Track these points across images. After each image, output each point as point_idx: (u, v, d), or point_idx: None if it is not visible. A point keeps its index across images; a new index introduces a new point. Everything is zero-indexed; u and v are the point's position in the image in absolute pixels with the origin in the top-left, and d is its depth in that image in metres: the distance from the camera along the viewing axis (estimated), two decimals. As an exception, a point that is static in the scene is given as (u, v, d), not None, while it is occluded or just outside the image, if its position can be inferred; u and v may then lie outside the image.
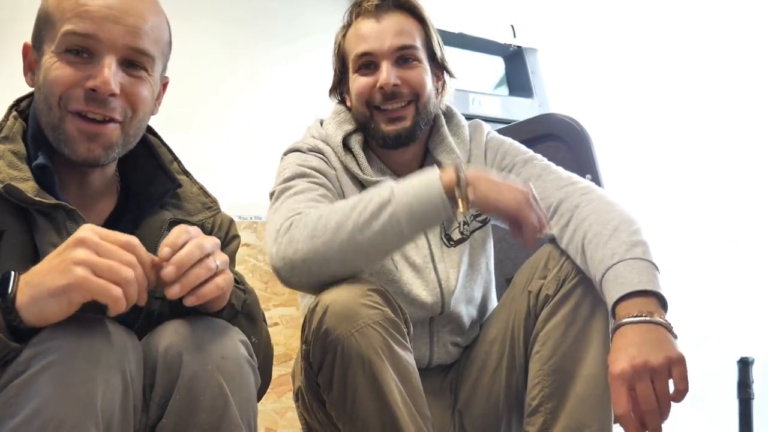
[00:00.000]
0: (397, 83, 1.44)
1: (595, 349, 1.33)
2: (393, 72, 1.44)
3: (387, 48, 1.44)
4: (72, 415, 0.82)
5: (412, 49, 1.46)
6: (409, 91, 1.45)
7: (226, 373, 0.94)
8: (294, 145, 1.51)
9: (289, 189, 1.38)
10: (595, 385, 1.32)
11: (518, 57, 3.21)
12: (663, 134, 3.06)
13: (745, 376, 2.23)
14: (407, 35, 1.46)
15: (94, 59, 1.04)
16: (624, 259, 1.24)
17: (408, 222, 1.23)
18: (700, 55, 3.00)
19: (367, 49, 1.46)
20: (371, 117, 1.47)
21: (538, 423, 1.35)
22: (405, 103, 1.45)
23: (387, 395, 1.19)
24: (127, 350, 0.90)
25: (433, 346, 1.51)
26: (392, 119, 1.45)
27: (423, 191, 1.23)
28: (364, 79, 1.47)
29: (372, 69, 1.46)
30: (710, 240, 2.94)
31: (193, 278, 0.92)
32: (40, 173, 1.03)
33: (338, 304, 1.20)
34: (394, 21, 1.46)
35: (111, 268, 0.84)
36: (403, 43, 1.45)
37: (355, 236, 1.22)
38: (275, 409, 2.14)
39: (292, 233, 1.26)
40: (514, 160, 1.52)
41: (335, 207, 1.27)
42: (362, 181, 1.46)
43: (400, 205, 1.22)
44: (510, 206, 1.24)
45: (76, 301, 0.84)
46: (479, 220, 1.54)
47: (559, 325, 1.33)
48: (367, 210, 1.23)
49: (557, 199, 1.41)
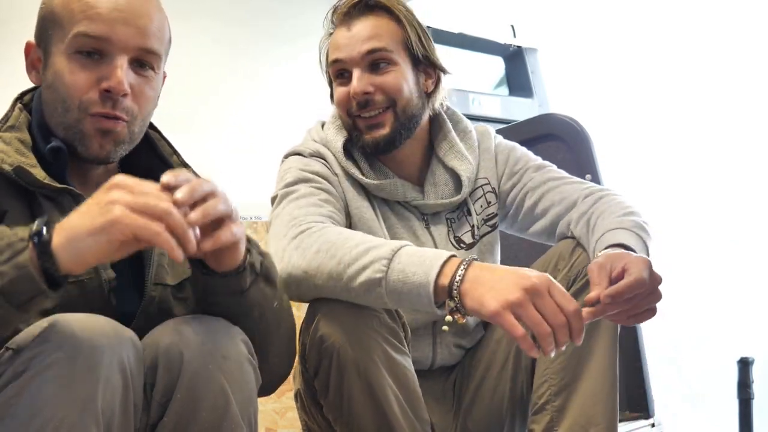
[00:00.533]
0: (369, 90, 1.40)
1: (603, 347, 1.33)
2: (364, 79, 1.40)
3: (356, 54, 1.41)
4: (72, 415, 0.82)
5: (382, 51, 1.41)
6: (383, 97, 1.41)
7: (227, 372, 0.94)
8: (295, 148, 1.49)
9: (292, 194, 1.37)
10: (602, 383, 1.33)
11: (518, 57, 3.21)
12: (663, 134, 3.06)
13: (745, 376, 2.24)
14: (377, 38, 1.41)
15: (105, 60, 1.06)
16: (624, 228, 1.29)
17: (395, 305, 1.20)
18: (700, 55, 3.01)
19: (339, 57, 1.43)
20: (353, 125, 1.45)
21: (544, 421, 1.35)
22: (381, 109, 1.42)
23: (383, 402, 1.19)
24: (127, 349, 0.90)
25: (436, 347, 1.51)
26: (370, 127, 1.42)
27: (413, 291, 1.14)
28: (341, 89, 1.44)
29: (346, 78, 1.43)
30: (710, 240, 2.94)
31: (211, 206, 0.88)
32: (52, 157, 1.06)
33: (334, 310, 1.20)
34: (364, 26, 1.42)
35: (147, 204, 0.82)
36: (371, 47, 1.40)
37: (344, 295, 1.20)
38: (275, 409, 2.14)
39: (293, 259, 1.23)
40: (527, 165, 1.53)
41: (334, 246, 1.20)
42: (364, 185, 1.46)
43: (390, 291, 1.15)
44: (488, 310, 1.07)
45: (115, 239, 0.82)
46: (489, 225, 1.54)
47: None
48: (358, 280, 1.17)
49: (581, 194, 1.44)
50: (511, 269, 1.10)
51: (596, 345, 1.34)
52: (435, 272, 1.12)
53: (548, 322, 1.05)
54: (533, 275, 1.07)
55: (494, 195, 1.54)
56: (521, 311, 1.05)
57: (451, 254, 1.14)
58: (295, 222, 1.28)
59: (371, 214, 1.44)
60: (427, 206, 1.49)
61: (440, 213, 1.51)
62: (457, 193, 1.50)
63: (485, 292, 1.08)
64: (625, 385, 2.09)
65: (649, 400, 2.08)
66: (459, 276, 1.10)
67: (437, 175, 1.50)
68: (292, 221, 1.29)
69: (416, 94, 1.45)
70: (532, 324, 1.05)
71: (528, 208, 1.51)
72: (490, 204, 1.53)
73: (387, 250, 1.16)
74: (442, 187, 1.50)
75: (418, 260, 1.14)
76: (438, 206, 1.49)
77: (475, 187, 1.53)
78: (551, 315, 1.05)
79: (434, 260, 1.13)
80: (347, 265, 1.17)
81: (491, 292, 1.07)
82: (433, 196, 1.49)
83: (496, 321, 1.07)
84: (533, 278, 1.06)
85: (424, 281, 1.12)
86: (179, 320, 0.99)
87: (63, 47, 1.06)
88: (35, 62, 1.11)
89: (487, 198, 1.53)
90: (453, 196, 1.50)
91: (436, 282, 1.11)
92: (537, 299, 1.05)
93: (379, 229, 1.43)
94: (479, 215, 1.53)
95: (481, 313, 1.08)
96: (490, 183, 1.54)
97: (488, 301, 1.07)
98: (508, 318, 1.05)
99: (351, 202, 1.44)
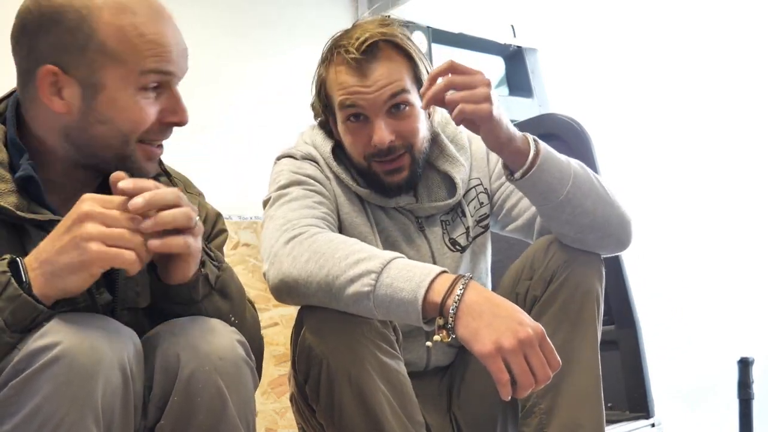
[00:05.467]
0: (392, 139, 1.37)
1: (585, 347, 1.34)
2: (387, 128, 1.36)
3: (380, 103, 1.36)
4: (72, 414, 0.83)
5: (403, 93, 1.37)
6: (402, 143, 1.39)
7: (224, 373, 0.94)
8: (287, 150, 1.49)
9: (285, 196, 1.37)
10: (587, 383, 1.33)
11: (518, 57, 3.21)
12: (663, 134, 3.06)
13: (745, 376, 2.23)
14: (396, 82, 1.36)
15: (165, 92, 1.05)
16: None
17: (384, 317, 1.19)
18: (700, 55, 3.00)
19: (355, 103, 1.37)
20: (369, 167, 1.42)
21: (533, 424, 1.36)
22: (400, 154, 1.40)
23: (374, 407, 1.19)
24: (127, 348, 0.90)
25: (430, 349, 1.50)
26: (389, 172, 1.41)
27: (401, 308, 1.12)
28: (356, 132, 1.40)
29: (362, 121, 1.39)
30: (710, 240, 2.94)
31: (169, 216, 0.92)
32: (25, 184, 1.02)
33: (323, 317, 1.20)
34: (380, 72, 1.36)
35: (123, 236, 0.89)
36: (393, 92, 1.36)
37: (334, 304, 1.19)
38: (275, 409, 2.14)
39: (284, 266, 1.23)
40: None
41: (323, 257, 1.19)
42: (356, 191, 1.45)
43: (378, 304, 1.15)
44: (481, 348, 1.07)
45: (96, 273, 0.89)
46: (482, 226, 1.54)
47: (549, 325, 1.33)
48: (346, 292, 1.16)
49: None
50: (510, 307, 1.10)
51: (578, 346, 1.34)
52: (423, 290, 1.11)
53: (533, 373, 1.07)
54: (530, 325, 1.08)
55: (486, 195, 1.54)
56: (512, 359, 1.06)
57: (442, 270, 1.14)
58: (288, 226, 1.28)
59: (363, 219, 1.44)
60: (422, 209, 1.49)
61: (434, 216, 1.50)
62: (451, 196, 1.50)
63: (482, 327, 1.07)
64: (625, 385, 2.09)
65: (649, 400, 2.08)
66: (457, 296, 1.10)
67: (430, 178, 1.50)
68: (285, 225, 1.29)
69: (426, 126, 1.45)
70: (518, 373, 1.06)
71: (511, 205, 1.50)
72: (482, 205, 1.53)
73: (376, 263, 1.15)
74: (435, 191, 1.50)
75: (407, 275, 1.13)
76: (432, 209, 1.49)
77: (469, 188, 1.53)
78: (538, 369, 1.07)
79: (423, 276, 1.12)
80: (336, 277, 1.16)
81: (488, 330, 1.07)
82: (427, 200, 1.49)
83: (485, 361, 1.07)
84: (529, 329, 1.07)
85: (411, 298, 1.11)
86: (175, 322, 0.99)
87: (127, 83, 1.02)
88: (62, 89, 1.03)
89: (480, 199, 1.53)
90: (447, 199, 1.50)
91: (425, 299, 1.11)
92: (528, 350, 1.06)
93: (370, 234, 1.43)
94: (473, 216, 1.53)
95: (472, 347, 1.08)
96: (482, 183, 1.54)
97: (483, 339, 1.07)
98: (498, 362, 1.06)
99: (342, 207, 1.44)
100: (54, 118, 1.03)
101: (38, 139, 1.05)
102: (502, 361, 1.06)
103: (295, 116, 2.50)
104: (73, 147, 1.04)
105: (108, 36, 1.00)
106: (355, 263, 1.16)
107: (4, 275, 0.86)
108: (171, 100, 1.05)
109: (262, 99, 2.49)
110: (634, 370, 2.08)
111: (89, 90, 1.01)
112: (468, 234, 1.52)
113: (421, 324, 1.13)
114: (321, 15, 2.66)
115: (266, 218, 1.36)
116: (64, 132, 1.03)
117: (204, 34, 2.34)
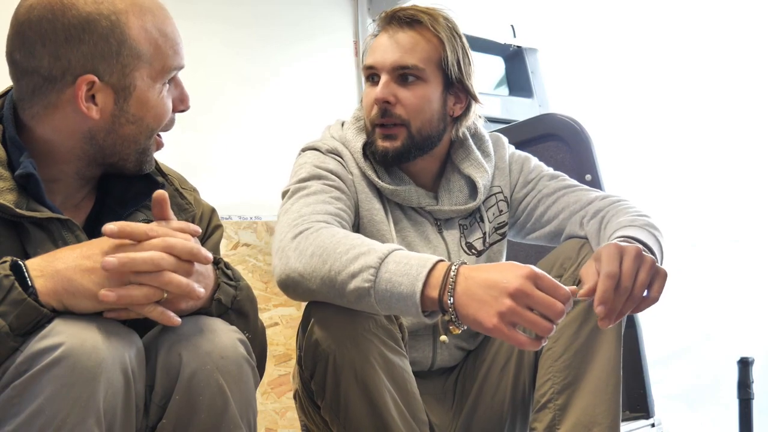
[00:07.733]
0: (390, 100, 1.40)
1: (607, 346, 1.33)
2: (389, 87, 1.40)
3: (388, 64, 1.41)
4: (74, 415, 0.82)
5: (413, 69, 1.40)
6: (401, 112, 1.41)
7: (225, 372, 0.94)
8: (312, 143, 1.49)
9: (303, 189, 1.36)
10: (606, 382, 1.33)
11: (518, 57, 3.21)
12: (663, 134, 3.06)
13: (745, 376, 2.23)
14: (409, 54, 1.41)
15: (172, 82, 1.10)
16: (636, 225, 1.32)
17: (386, 312, 1.19)
18: (700, 55, 3.01)
19: (371, 63, 1.44)
20: (373, 132, 1.44)
21: (546, 419, 1.35)
22: (396, 123, 1.42)
23: (379, 404, 1.19)
24: (129, 349, 0.90)
25: (436, 349, 1.50)
26: (384, 136, 1.42)
27: (401, 302, 1.13)
28: (368, 94, 1.45)
29: (376, 82, 1.43)
30: (711, 240, 2.94)
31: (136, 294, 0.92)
32: (24, 182, 1.01)
33: (329, 313, 1.20)
34: (402, 38, 1.41)
35: None
36: (403, 63, 1.40)
37: (338, 300, 1.19)
38: (275, 409, 2.14)
39: (290, 261, 1.22)
40: (541, 174, 1.54)
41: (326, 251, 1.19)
42: (380, 188, 1.45)
43: (379, 300, 1.14)
44: (486, 327, 1.07)
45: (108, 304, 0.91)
46: (499, 233, 1.55)
47: (573, 323, 1.33)
48: (348, 288, 1.16)
49: (597, 196, 1.46)
50: (494, 270, 1.08)
51: (600, 344, 1.34)
52: (420, 283, 1.10)
53: (545, 315, 1.05)
54: (515, 274, 1.05)
55: (506, 204, 1.55)
56: (516, 318, 1.05)
57: (437, 260, 1.13)
58: (299, 221, 1.28)
59: (382, 217, 1.45)
60: (441, 212, 1.49)
61: (453, 219, 1.51)
62: (472, 200, 1.50)
63: (478, 308, 1.06)
64: (625, 385, 2.08)
65: (649, 400, 2.08)
66: (450, 287, 1.09)
67: (452, 181, 1.51)
68: (296, 219, 1.28)
69: (438, 116, 1.45)
70: (530, 326, 1.05)
71: (540, 213, 1.52)
72: (501, 212, 1.54)
73: (374, 258, 1.14)
74: (456, 194, 1.50)
75: (404, 269, 1.12)
76: (451, 212, 1.49)
77: (489, 194, 1.54)
78: (547, 309, 1.04)
79: (420, 269, 1.11)
80: (338, 273, 1.16)
81: (483, 307, 1.06)
82: (447, 203, 1.49)
83: (496, 336, 1.07)
84: (516, 280, 1.05)
85: (410, 292, 1.11)
86: (177, 321, 0.99)
87: (154, 81, 1.06)
88: (95, 96, 1.03)
89: (500, 206, 1.54)
90: (467, 203, 1.50)
91: (422, 292, 1.10)
92: (526, 299, 1.04)
93: (388, 233, 1.43)
94: (491, 223, 1.53)
95: (480, 330, 1.08)
96: (503, 192, 1.55)
97: (483, 319, 1.06)
98: (506, 331, 1.05)
99: (363, 203, 1.44)
100: (80, 123, 1.04)
101: (42, 139, 1.05)
102: (509, 329, 1.05)
103: (296, 116, 2.51)
104: (95, 148, 1.06)
105: (137, 39, 1.03)
106: (354, 258, 1.16)
107: (8, 279, 0.86)
108: (178, 90, 1.11)
109: (264, 100, 2.49)
110: (634, 370, 2.08)
111: (122, 93, 1.04)
112: (485, 239, 1.52)
113: (421, 317, 1.13)
114: (321, 15, 2.66)
115: (282, 211, 1.36)
116: (89, 135, 1.05)
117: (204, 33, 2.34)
